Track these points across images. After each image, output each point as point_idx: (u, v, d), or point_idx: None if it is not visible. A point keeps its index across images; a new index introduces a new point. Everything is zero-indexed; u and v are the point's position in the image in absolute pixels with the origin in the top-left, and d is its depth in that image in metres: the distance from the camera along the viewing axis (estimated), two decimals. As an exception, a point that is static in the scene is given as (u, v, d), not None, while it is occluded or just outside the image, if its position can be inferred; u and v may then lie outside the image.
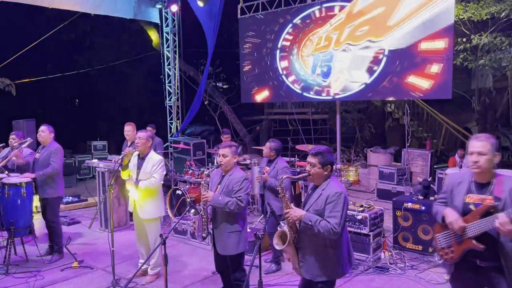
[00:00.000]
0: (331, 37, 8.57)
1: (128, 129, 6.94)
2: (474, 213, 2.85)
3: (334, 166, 3.39)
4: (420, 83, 7.46)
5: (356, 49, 8.18)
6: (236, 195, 3.94)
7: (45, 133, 5.71)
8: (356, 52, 8.18)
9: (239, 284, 4.08)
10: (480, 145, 2.84)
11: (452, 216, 2.91)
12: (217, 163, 4.25)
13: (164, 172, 5.10)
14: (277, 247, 3.31)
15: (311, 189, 3.40)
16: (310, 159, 3.28)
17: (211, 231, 4.27)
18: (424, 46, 7.36)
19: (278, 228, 3.35)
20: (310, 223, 3.13)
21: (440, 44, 7.16)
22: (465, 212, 2.90)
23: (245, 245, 4.13)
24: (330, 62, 8.58)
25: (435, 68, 7.23)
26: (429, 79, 7.32)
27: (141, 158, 5.02)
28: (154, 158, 5.00)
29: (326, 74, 8.71)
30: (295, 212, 3.23)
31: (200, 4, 9.16)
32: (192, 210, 4.10)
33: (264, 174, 5.37)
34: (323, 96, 8.93)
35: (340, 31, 8.39)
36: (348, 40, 8.27)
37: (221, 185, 4.09)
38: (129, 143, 6.73)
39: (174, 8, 10.35)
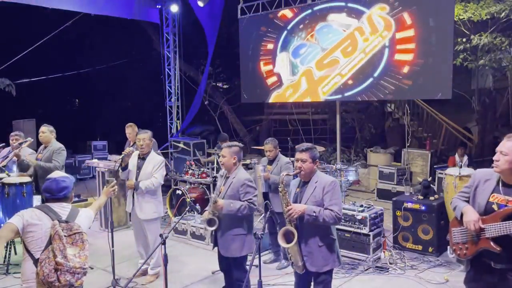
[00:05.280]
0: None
1: (129, 131, 6.94)
2: (496, 214, 2.78)
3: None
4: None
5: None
6: (246, 198, 3.93)
7: (45, 133, 5.69)
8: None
9: (240, 284, 4.07)
10: (505, 145, 2.80)
11: (471, 215, 2.84)
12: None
13: (165, 173, 5.10)
14: (283, 245, 3.35)
15: (299, 186, 3.49)
16: (300, 155, 3.38)
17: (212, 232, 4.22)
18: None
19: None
20: (314, 214, 3.23)
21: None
22: (487, 211, 2.84)
23: (250, 248, 4.07)
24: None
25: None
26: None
27: (142, 159, 5.02)
28: (156, 159, 5.01)
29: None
30: (298, 207, 3.29)
31: (200, 4, 9.16)
32: (207, 223, 3.99)
33: (266, 172, 5.38)
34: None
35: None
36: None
37: (225, 186, 4.06)
38: (131, 143, 6.74)
39: (174, 8, 10.35)
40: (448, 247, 3.13)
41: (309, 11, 9.05)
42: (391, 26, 7.91)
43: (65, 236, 2.79)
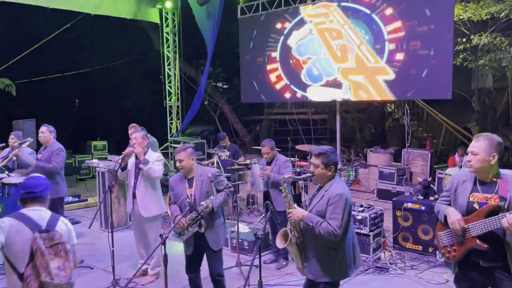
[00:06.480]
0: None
1: (132, 131, 6.94)
2: (478, 212, 2.83)
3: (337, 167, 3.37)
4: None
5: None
6: (223, 186, 4.06)
7: (45, 134, 5.67)
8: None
9: (220, 280, 4.12)
10: (474, 145, 2.87)
11: (454, 216, 2.90)
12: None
13: (163, 169, 5.11)
14: (279, 246, 3.33)
15: (317, 189, 3.38)
16: (313, 160, 3.27)
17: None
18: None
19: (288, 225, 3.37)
20: (311, 224, 3.12)
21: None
22: (469, 210, 2.89)
23: (226, 233, 4.39)
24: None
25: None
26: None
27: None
28: (153, 156, 5.03)
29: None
30: (298, 213, 3.23)
31: (199, 4, 9.17)
32: (198, 227, 3.96)
33: (267, 171, 5.38)
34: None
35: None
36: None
37: (194, 187, 4.02)
38: None
39: (169, 4, 10.37)
40: (437, 251, 3.15)
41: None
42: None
43: (46, 247, 2.70)
